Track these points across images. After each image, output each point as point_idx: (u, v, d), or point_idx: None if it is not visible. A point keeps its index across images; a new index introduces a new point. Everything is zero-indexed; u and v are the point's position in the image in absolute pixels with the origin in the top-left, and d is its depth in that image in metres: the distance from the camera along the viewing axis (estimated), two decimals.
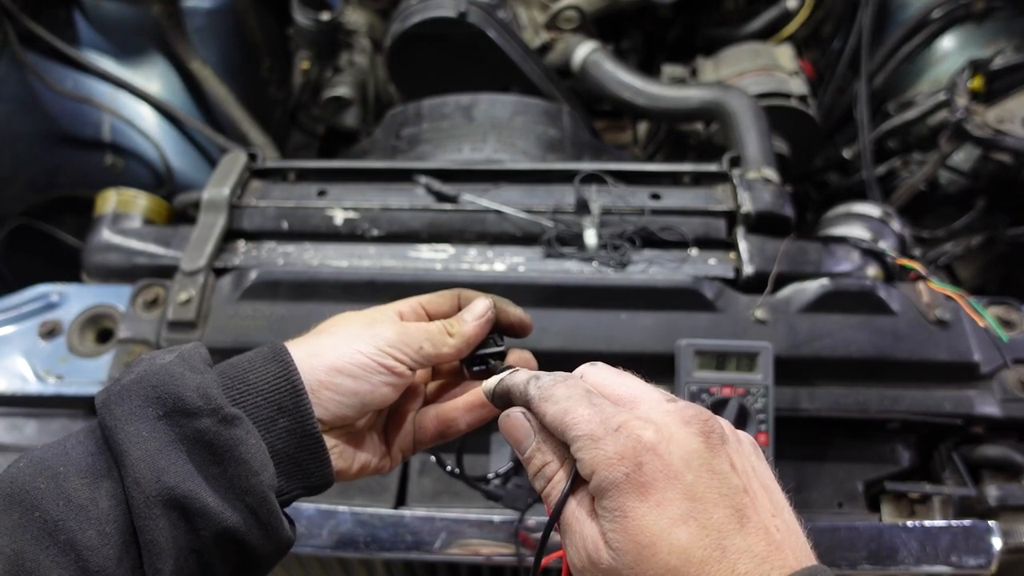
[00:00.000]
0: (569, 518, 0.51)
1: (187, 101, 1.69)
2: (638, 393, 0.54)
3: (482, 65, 1.60)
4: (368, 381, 0.61)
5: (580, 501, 0.51)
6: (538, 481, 0.55)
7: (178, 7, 1.61)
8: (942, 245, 1.54)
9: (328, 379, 0.60)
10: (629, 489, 0.47)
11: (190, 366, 0.56)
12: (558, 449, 0.54)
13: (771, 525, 0.47)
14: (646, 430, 0.49)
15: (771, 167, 1.27)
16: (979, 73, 1.39)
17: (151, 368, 0.56)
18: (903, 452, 1.06)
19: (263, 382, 0.58)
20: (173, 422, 0.54)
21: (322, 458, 0.60)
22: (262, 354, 0.60)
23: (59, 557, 0.49)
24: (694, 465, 0.48)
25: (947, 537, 0.96)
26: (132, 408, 0.54)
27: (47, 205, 1.58)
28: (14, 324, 1.14)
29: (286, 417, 0.58)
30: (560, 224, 1.17)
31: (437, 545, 0.97)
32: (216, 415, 0.54)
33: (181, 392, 0.54)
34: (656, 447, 0.48)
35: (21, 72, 1.49)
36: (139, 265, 1.20)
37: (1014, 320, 1.10)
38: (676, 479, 0.47)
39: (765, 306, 1.08)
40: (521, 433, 0.56)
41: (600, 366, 0.58)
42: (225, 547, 0.54)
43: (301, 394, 0.58)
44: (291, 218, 1.21)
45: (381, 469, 0.69)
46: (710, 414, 0.51)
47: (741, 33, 1.87)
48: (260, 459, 0.55)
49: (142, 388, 0.54)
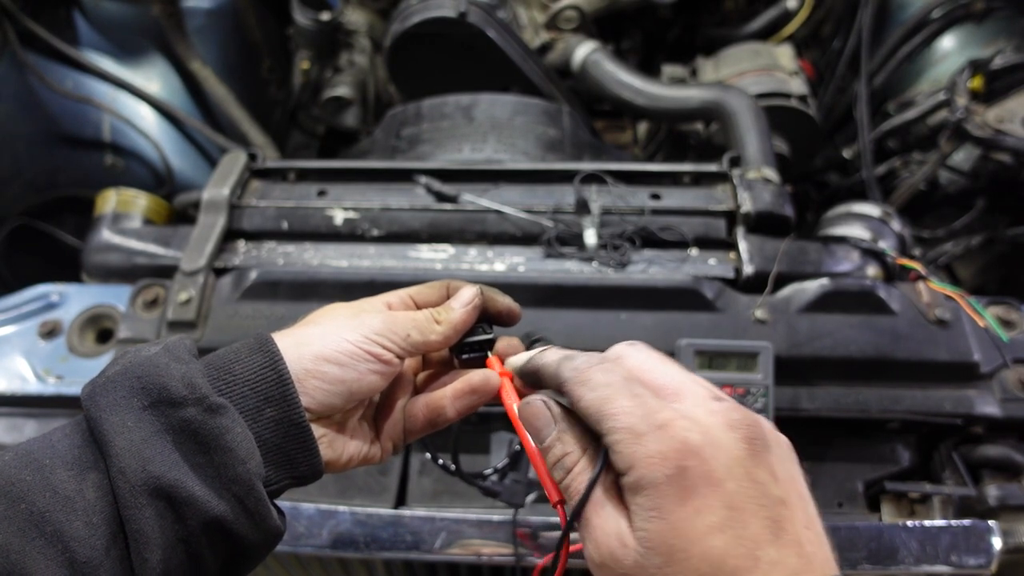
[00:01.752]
0: (592, 510, 0.50)
1: (187, 101, 1.69)
2: (681, 385, 0.51)
3: (482, 65, 1.60)
4: (355, 369, 0.60)
5: (607, 492, 0.50)
6: (557, 471, 0.53)
7: (178, 7, 1.61)
8: (942, 245, 1.54)
9: (315, 368, 0.59)
10: (669, 491, 0.46)
11: (175, 357, 0.56)
12: (581, 438, 0.52)
13: (804, 537, 0.47)
14: (691, 432, 0.47)
15: (771, 167, 1.28)
16: (979, 73, 1.39)
17: (136, 359, 0.56)
18: (903, 452, 1.06)
19: (249, 372, 0.57)
20: (158, 412, 0.53)
21: (310, 447, 0.59)
22: (248, 345, 0.59)
23: (46, 549, 0.49)
24: (736, 473, 0.47)
25: (947, 537, 0.95)
26: (117, 399, 0.54)
27: (47, 205, 1.58)
28: (14, 324, 1.14)
29: (272, 407, 0.57)
30: (560, 224, 1.17)
31: (437, 545, 0.97)
32: (201, 404, 0.54)
33: (166, 382, 0.54)
34: (701, 451, 0.46)
35: (21, 72, 1.49)
36: (139, 265, 1.20)
37: (1014, 320, 1.10)
38: (718, 487, 0.46)
39: (765, 306, 1.08)
40: (541, 421, 0.54)
41: (640, 347, 0.56)
42: (213, 536, 0.53)
43: (287, 384, 0.57)
44: (291, 218, 1.21)
45: (371, 459, 0.68)
46: (756, 418, 0.50)
47: (741, 33, 1.87)
48: (246, 448, 0.54)
49: (127, 379, 0.54)
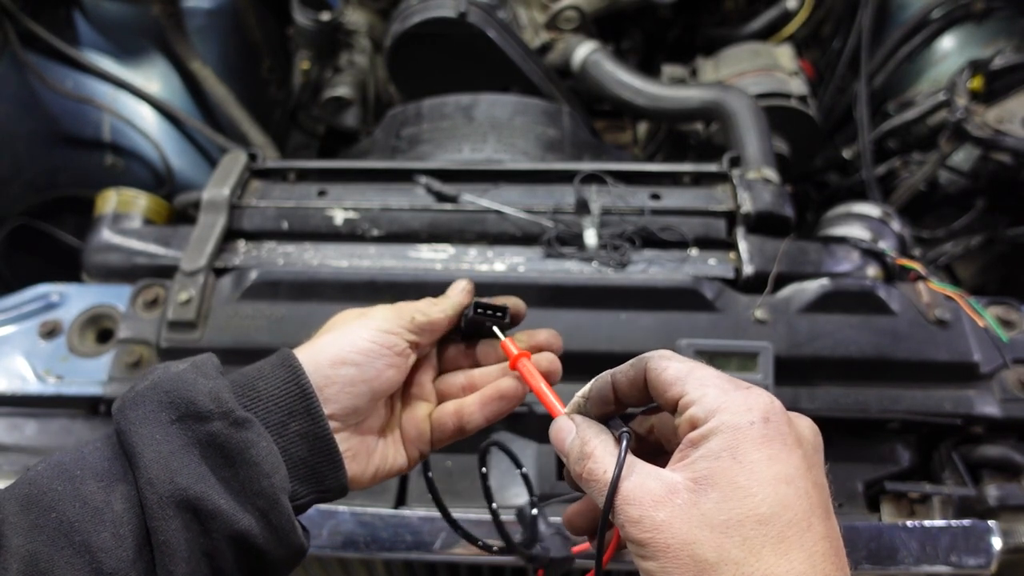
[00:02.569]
0: (624, 475, 0.50)
1: (187, 101, 1.69)
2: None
3: (482, 65, 1.60)
4: (372, 366, 0.63)
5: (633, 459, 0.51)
6: (577, 462, 0.54)
7: (178, 7, 1.61)
8: (942, 245, 1.54)
9: (333, 372, 0.61)
10: (750, 436, 0.47)
11: (202, 373, 0.58)
12: (600, 431, 0.55)
13: (838, 535, 0.49)
14: (775, 400, 0.50)
15: (771, 167, 1.28)
16: (979, 73, 1.39)
17: (165, 375, 0.58)
18: (903, 452, 1.06)
19: (272, 387, 0.59)
20: (186, 426, 0.55)
21: (335, 460, 0.61)
22: (270, 362, 0.61)
23: (74, 558, 0.49)
24: (808, 445, 0.50)
25: (947, 537, 0.95)
26: (146, 412, 0.55)
27: (47, 205, 1.58)
28: (14, 324, 1.14)
29: (297, 421, 0.59)
30: (560, 224, 1.17)
31: (437, 545, 0.97)
32: (227, 418, 0.55)
33: (194, 396, 0.55)
34: (782, 415, 0.49)
35: (21, 72, 1.49)
36: (139, 265, 1.20)
37: (1014, 320, 1.10)
38: (794, 446, 0.48)
39: (765, 306, 1.08)
40: (564, 432, 0.56)
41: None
42: (237, 550, 0.54)
43: (311, 397, 0.59)
44: (291, 218, 1.21)
45: (398, 471, 0.70)
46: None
47: (741, 33, 1.87)
48: (271, 462, 0.56)
49: (156, 393, 0.56)
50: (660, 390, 0.53)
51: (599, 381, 0.57)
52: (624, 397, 0.56)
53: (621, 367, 0.56)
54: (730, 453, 0.47)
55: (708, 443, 0.48)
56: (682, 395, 0.51)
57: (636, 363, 0.55)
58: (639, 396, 0.56)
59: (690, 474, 0.48)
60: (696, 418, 0.49)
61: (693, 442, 0.49)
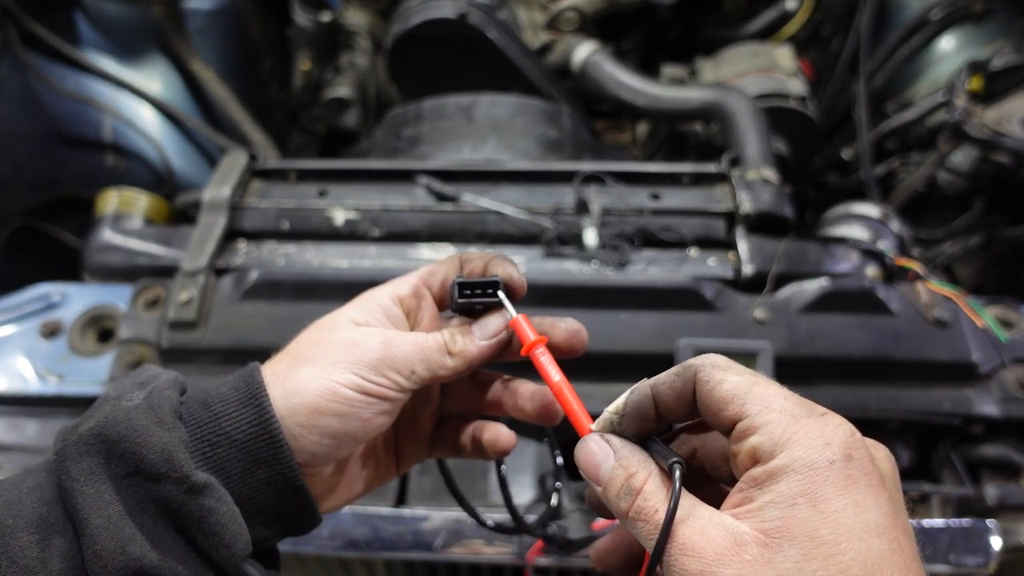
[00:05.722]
0: (679, 520, 0.43)
1: (188, 101, 1.69)
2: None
3: (482, 66, 1.61)
4: (357, 417, 0.54)
5: (691, 500, 0.44)
6: (623, 499, 0.45)
7: (179, 8, 1.61)
8: (941, 245, 1.54)
9: (310, 423, 0.53)
10: (830, 477, 0.39)
11: (157, 418, 0.50)
12: (645, 461, 0.47)
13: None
14: (854, 429, 0.42)
15: (770, 167, 1.28)
16: (978, 73, 1.39)
17: (114, 415, 0.50)
18: (902, 452, 1.06)
19: (236, 431, 0.51)
20: (137, 483, 0.48)
21: (305, 507, 0.54)
22: (236, 395, 0.53)
23: None
24: (890, 484, 0.43)
25: (946, 537, 0.96)
26: (91, 466, 0.48)
27: (48, 205, 1.58)
28: (15, 324, 1.14)
29: (264, 468, 0.52)
30: (560, 224, 1.18)
31: (437, 544, 0.97)
32: (182, 484, 0.48)
33: (144, 453, 0.48)
34: (863, 447, 0.42)
35: (23, 73, 1.49)
36: (140, 265, 1.21)
37: (1013, 320, 1.10)
38: (879, 488, 0.41)
39: (764, 306, 1.08)
40: (599, 456, 0.47)
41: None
42: None
43: (280, 445, 0.51)
44: (292, 218, 1.22)
45: (390, 479, 0.65)
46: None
47: (741, 33, 1.87)
48: (232, 531, 0.49)
49: (103, 444, 0.49)
50: (713, 408, 0.44)
51: (636, 393, 0.48)
52: (668, 413, 0.47)
53: (663, 376, 0.47)
54: (808, 500, 0.39)
55: (778, 485, 0.40)
56: (740, 417, 0.43)
57: (683, 372, 0.46)
58: (687, 411, 0.47)
59: (759, 524, 0.40)
60: (760, 451, 0.41)
61: (757, 481, 0.41)
